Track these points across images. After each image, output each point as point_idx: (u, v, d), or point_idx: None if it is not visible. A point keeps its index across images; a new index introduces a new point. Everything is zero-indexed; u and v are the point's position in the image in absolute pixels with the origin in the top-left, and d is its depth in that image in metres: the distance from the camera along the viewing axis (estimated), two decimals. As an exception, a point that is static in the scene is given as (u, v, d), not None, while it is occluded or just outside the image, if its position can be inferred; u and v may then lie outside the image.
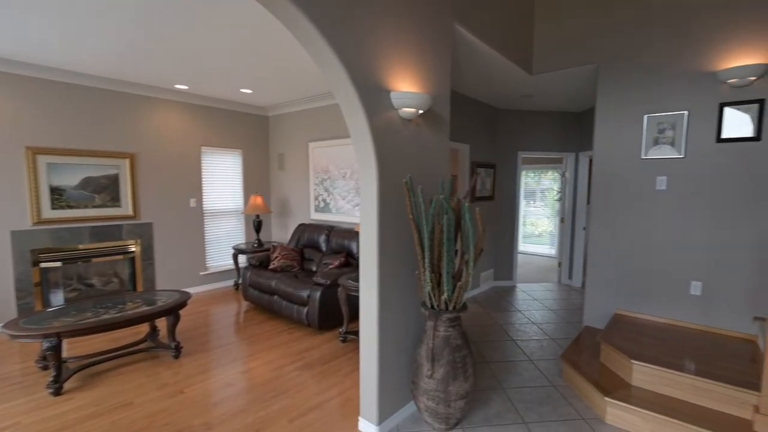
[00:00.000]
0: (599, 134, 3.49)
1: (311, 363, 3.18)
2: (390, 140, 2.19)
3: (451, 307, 2.18)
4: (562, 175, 5.70)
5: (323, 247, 4.60)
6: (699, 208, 3.03)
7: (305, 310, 3.80)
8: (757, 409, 2.09)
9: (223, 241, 5.52)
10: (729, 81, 2.78)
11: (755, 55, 2.74)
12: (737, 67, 2.72)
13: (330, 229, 4.62)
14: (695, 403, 2.30)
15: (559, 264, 5.86)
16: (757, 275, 2.82)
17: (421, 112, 2.28)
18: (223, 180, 5.48)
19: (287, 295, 3.95)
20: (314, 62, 1.98)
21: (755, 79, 2.73)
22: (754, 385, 2.16)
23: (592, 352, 2.99)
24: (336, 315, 3.81)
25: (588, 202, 5.17)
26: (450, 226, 2.06)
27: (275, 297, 4.12)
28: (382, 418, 2.28)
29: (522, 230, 8.74)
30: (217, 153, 5.38)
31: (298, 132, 5.52)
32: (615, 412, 2.36)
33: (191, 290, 5.21)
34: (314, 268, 4.49)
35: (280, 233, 5.96)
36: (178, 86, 4.60)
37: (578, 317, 4.27)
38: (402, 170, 2.30)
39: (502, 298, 5.00)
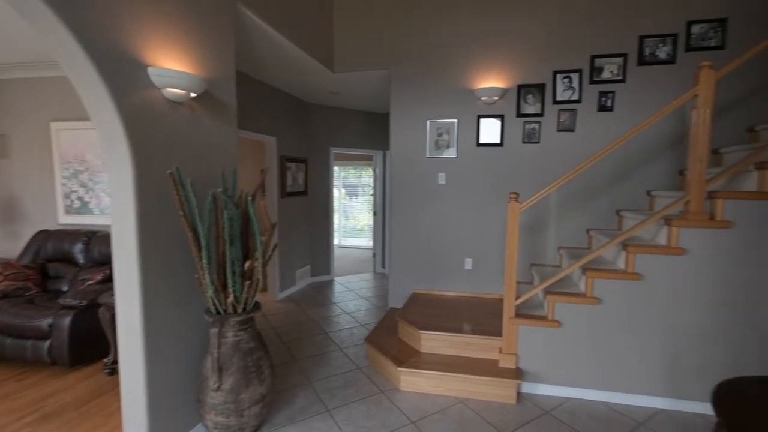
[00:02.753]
0: (394, 135, 3.99)
1: (58, 410, 2.46)
2: (152, 125, 1.89)
3: (240, 309, 2.05)
4: (373, 171, 6.29)
5: (80, 259, 3.62)
6: (468, 199, 3.82)
7: (46, 344, 2.91)
8: (500, 350, 2.77)
9: None
10: (482, 98, 3.60)
11: (498, 79, 3.63)
12: (486, 87, 3.54)
13: (90, 236, 3.66)
14: (466, 355, 2.88)
15: (374, 255, 6.46)
16: (504, 248, 3.76)
17: (194, 95, 2.06)
18: None
19: (13, 328, 2.94)
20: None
21: (498, 99, 3.61)
22: (500, 332, 2.85)
23: (392, 330, 3.38)
24: (98, 343, 3.04)
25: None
26: (233, 222, 1.93)
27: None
28: (160, 452, 1.95)
29: (344, 225, 9.26)
30: None
31: (33, 107, 4.04)
32: (407, 378, 2.72)
33: None
34: (66, 288, 3.51)
35: (7, 245, 4.23)
36: None
37: (386, 301, 4.79)
38: (172, 160, 2.02)
39: (319, 293, 5.14)
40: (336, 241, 8.61)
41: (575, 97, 3.47)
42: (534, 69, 3.54)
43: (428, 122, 3.85)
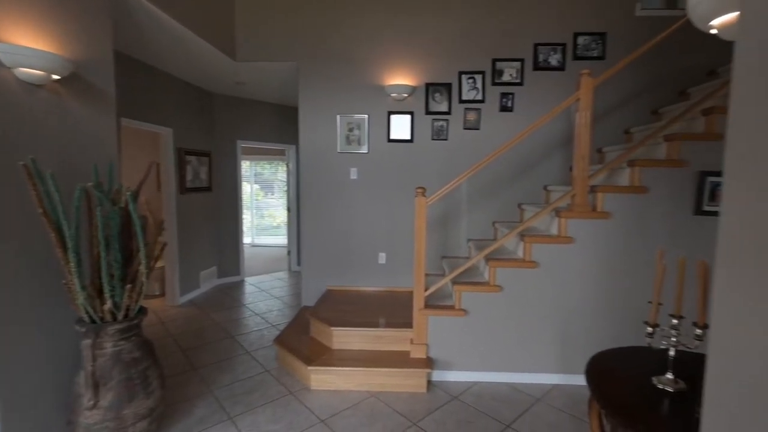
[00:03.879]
0: (303, 129, 3.84)
1: None
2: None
3: (121, 316, 1.77)
4: (287, 166, 6.02)
5: None
6: (380, 194, 3.84)
7: None
8: (411, 341, 2.81)
9: None
10: (392, 95, 3.63)
11: (408, 77, 3.69)
12: (396, 84, 3.58)
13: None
14: (378, 349, 2.87)
15: (289, 252, 6.20)
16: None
17: (57, 77, 1.80)
18: None
19: None
20: None
21: (408, 96, 3.68)
22: (411, 324, 2.90)
23: (304, 329, 3.24)
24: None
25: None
26: (109, 221, 1.66)
27: None
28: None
29: (258, 222, 8.75)
30: None
31: None
32: (317, 377, 2.63)
33: None
34: None
35: None
36: None
37: (300, 300, 4.61)
38: (28, 150, 1.70)
39: (226, 296, 4.76)
40: (248, 240, 8.12)
41: (479, 97, 3.69)
42: (442, 69, 3.68)
43: (339, 117, 3.78)
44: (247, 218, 8.34)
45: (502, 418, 2.38)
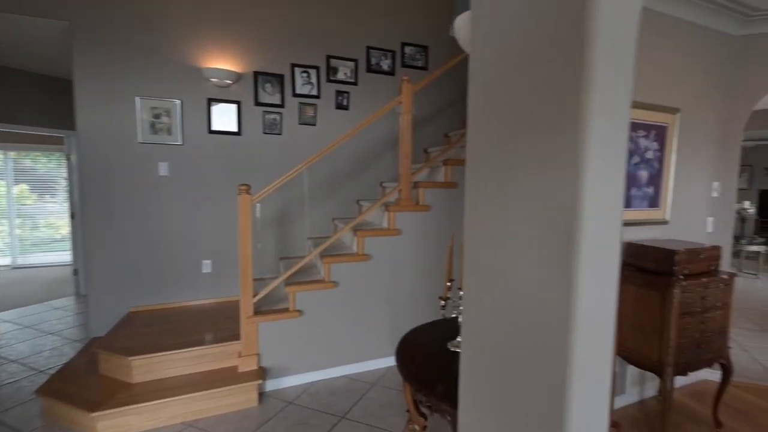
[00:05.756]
0: (82, 111, 2.99)
1: None
2: None
3: None
4: (68, 159, 4.66)
5: None
6: (201, 193, 3.32)
7: None
8: (239, 353, 2.47)
9: None
10: (212, 79, 3.19)
11: (231, 62, 3.31)
12: (217, 68, 3.16)
13: None
14: (198, 371, 2.43)
15: (75, 271, 4.80)
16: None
17: None
18: None
19: None
20: None
21: (232, 83, 3.29)
22: (238, 336, 2.54)
23: (90, 367, 2.49)
24: None
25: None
26: None
27: None
28: None
29: (29, 235, 6.55)
30: None
31: None
32: (107, 423, 2.03)
33: None
34: None
35: None
36: None
37: (87, 331, 3.58)
38: None
39: (-41, 341, 3.30)
40: (7, 261, 6.01)
41: (314, 92, 3.62)
42: (272, 58, 3.46)
43: (138, 99, 3.08)
44: (4, 229, 6.17)
45: (337, 411, 2.34)
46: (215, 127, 3.31)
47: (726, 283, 2.19)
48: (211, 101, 3.28)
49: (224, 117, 3.33)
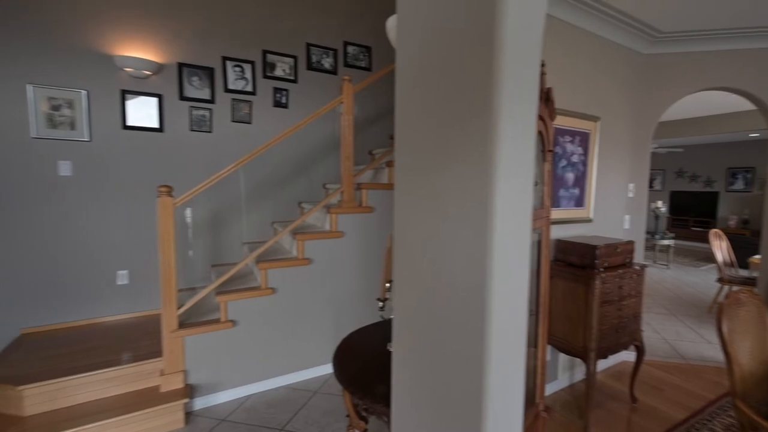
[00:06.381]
0: None
1: None
2: None
3: None
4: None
5: None
6: (114, 195, 3.02)
7: None
8: (162, 371, 2.27)
9: None
10: (127, 69, 2.92)
11: (151, 51, 3.06)
12: (132, 57, 2.90)
13: None
14: (111, 395, 2.19)
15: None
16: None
17: None
18: None
19: None
20: None
21: (152, 74, 3.04)
22: (160, 352, 2.34)
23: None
24: None
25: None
26: None
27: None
28: None
29: None
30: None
31: None
32: (-7, 468, 1.74)
33: None
34: None
35: None
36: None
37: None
38: None
39: None
40: None
41: (249, 88, 3.46)
42: (199, 50, 3.26)
43: (30, 88, 2.71)
44: None
45: (275, 424, 2.25)
46: (131, 122, 3.03)
47: (639, 273, 2.43)
48: (126, 93, 3.00)
49: (142, 111, 3.07)
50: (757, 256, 3.25)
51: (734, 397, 1.57)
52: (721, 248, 4.57)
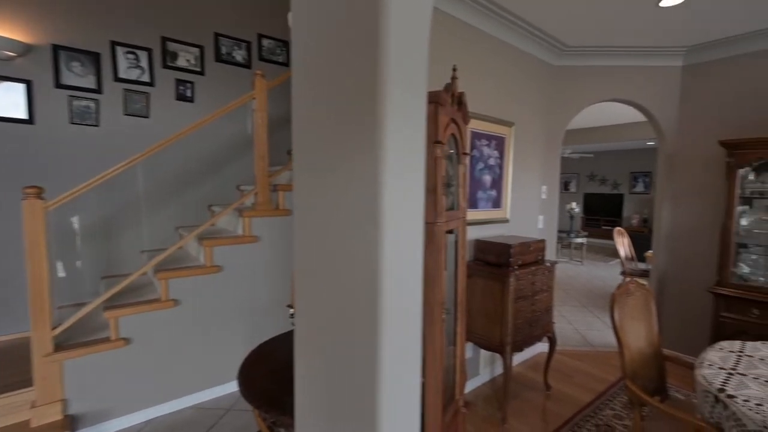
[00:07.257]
0: None
1: None
2: None
3: None
4: None
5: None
6: (-27, 197, 2.57)
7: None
8: (33, 403, 1.96)
9: None
10: (-14, 47, 2.52)
11: (13, 28, 2.66)
12: (-6, 34, 2.51)
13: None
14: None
15: None
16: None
17: None
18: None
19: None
20: None
21: (17, 56, 2.65)
22: (30, 381, 2.02)
23: None
24: None
25: None
26: None
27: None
28: None
29: None
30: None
31: None
32: None
33: None
34: None
35: None
36: None
37: None
38: None
39: None
40: None
41: (146, 78, 3.17)
42: (80, 30, 2.89)
43: None
44: None
45: None
46: (-6, 112, 2.61)
47: (550, 270, 2.63)
48: (-15, 78, 2.58)
49: (5, 99, 2.65)
50: (651, 251, 3.71)
51: (625, 378, 1.74)
52: (623, 244, 5.15)
